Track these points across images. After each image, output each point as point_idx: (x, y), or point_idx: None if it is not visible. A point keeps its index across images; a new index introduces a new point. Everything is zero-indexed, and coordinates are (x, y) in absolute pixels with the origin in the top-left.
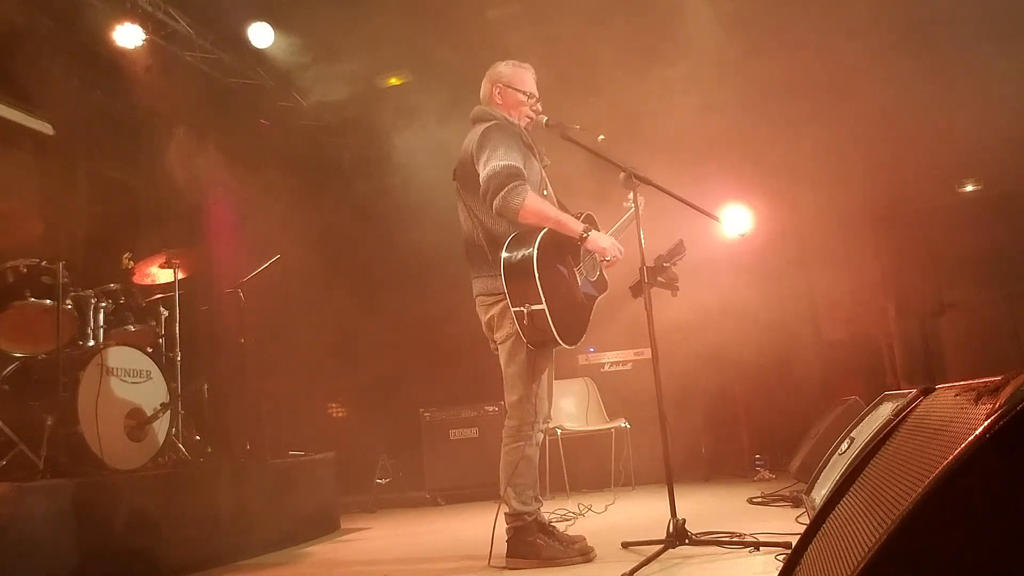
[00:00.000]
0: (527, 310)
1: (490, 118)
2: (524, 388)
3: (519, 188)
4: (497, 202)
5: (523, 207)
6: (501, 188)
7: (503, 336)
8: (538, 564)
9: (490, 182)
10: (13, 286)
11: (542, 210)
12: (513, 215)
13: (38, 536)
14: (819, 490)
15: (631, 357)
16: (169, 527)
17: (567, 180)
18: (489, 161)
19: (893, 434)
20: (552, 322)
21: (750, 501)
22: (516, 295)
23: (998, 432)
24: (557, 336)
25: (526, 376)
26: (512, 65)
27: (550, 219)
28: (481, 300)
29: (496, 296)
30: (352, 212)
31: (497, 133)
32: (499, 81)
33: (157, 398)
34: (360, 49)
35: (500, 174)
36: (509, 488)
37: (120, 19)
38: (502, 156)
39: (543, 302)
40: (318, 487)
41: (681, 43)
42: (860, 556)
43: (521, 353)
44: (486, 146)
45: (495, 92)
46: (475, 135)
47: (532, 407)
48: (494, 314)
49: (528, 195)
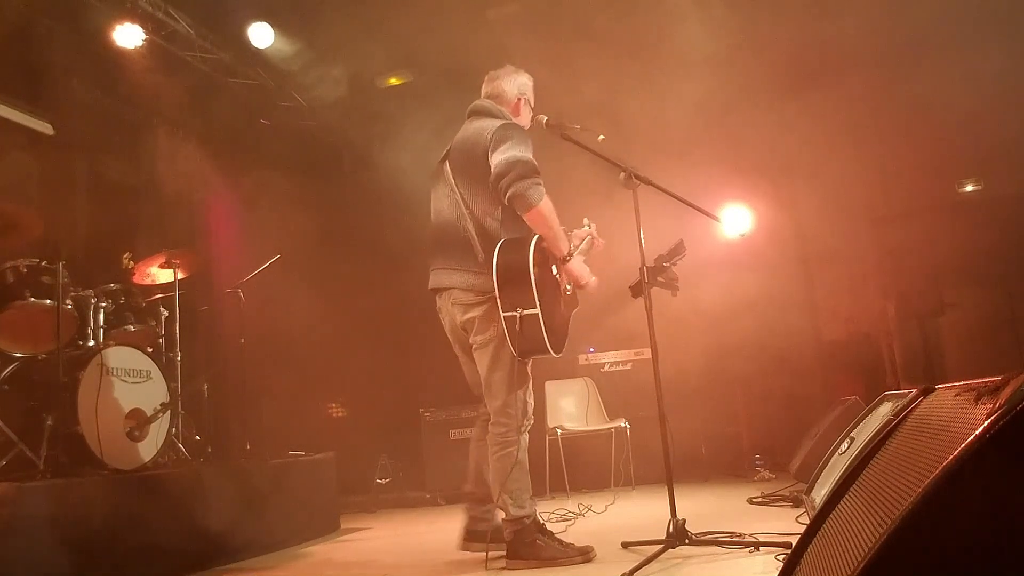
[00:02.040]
0: (520, 315)
1: (505, 117)
2: (509, 394)
3: (540, 187)
4: (515, 188)
5: (538, 206)
6: (523, 178)
7: (485, 340)
8: (538, 564)
9: (513, 166)
10: (13, 286)
11: (551, 217)
12: (525, 208)
13: (38, 536)
14: (819, 490)
15: (631, 357)
16: (169, 527)
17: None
18: (512, 149)
19: (893, 434)
20: (544, 327)
21: (750, 501)
22: (509, 299)
23: (998, 432)
24: (547, 342)
25: (512, 382)
26: (530, 79)
27: (552, 229)
28: (460, 296)
29: (481, 296)
30: (352, 212)
31: (522, 132)
32: (525, 94)
33: (157, 398)
34: (360, 49)
35: (527, 164)
36: (505, 495)
37: (120, 19)
38: (524, 151)
39: (537, 307)
40: (318, 487)
41: (681, 43)
42: (860, 556)
43: (505, 358)
44: (511, 138)
45: (521, 102)
46: (491, 125)
47: (518, 411)
48: (476, 316)
49: (546, 197)
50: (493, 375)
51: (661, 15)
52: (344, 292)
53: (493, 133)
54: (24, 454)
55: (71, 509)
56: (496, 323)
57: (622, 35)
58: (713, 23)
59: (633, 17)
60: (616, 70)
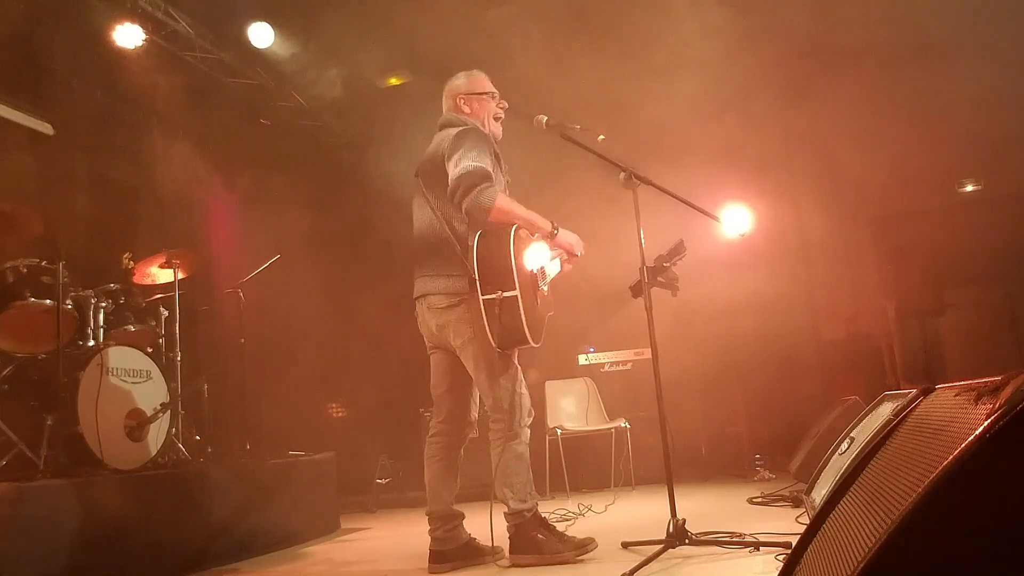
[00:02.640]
0: (499, 297)
1: (462, 123)
2: (502, 389)
3: (489, 189)
4: (467, 202)
5: (494, 206)
6: (472, 188)
7: (463, 342)
8: (539, 560)
9: (460, 181)
10: (13, 286)
11: (512, 208)
12: (484, 214)
13: (38, 536)
14: (819, 490)
15: (631, 357)
16: (169, 527)
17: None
18: (461, 161)
19: (893, 434)
20: (523, 311)
21: (750, 501)
22: (489, 281)
23: (998, 432)
24: (526, 327)
25: (503, 377)
26: (465, 75)
27: (520, 217)
28: (434, 301)
29: (454, 299)
30: (352, 212)
31: (473, 135)
32: (459, 92)
33: (157, 398)
34: (360, 49)
35: (472, 174)
36: (506, 488)
37: (120, 19)
38: (474, 158)
39: (516, 288)
40: (318, 487)
41: (682, 43)
42: (860, 556)
43: (490, 354)
44: (460, 147)
45: (460, 103)
46: (447, 136)
47: (515, 405)
48: (450, 319)
49: (499, 195)
50: (479, 374)
51: (661, 15)
52: (344, 292)
53: (448, 143)
54: (24, 454)
55: (71, 509)
56: (471, 323)
57: (622, 35)
58: (713, 23)
59: (633, 17)
60: (616, 70)
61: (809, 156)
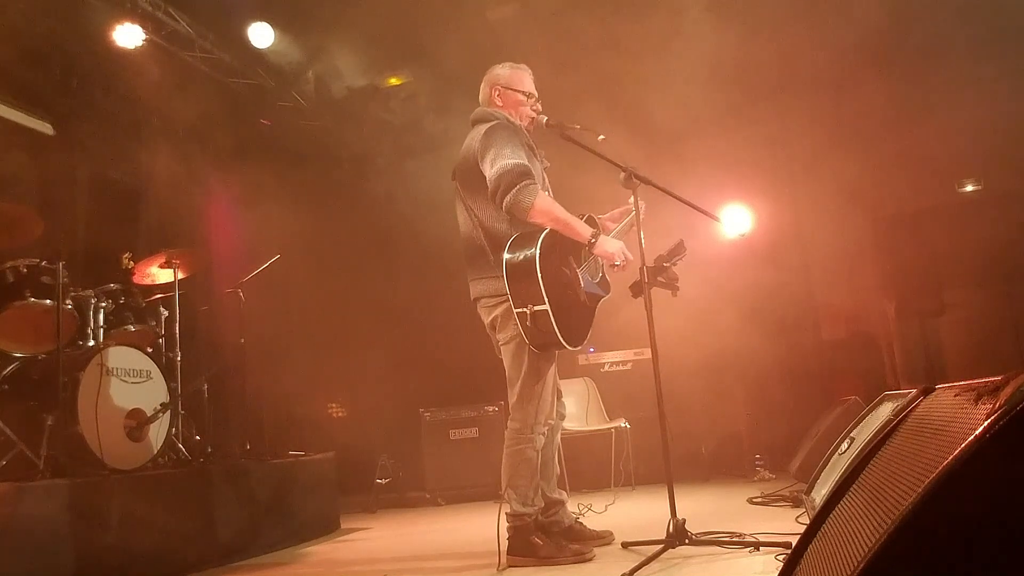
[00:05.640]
0: (530, 311)
1: (492, 118)
2: (526, 390)
3: (531, 187)
4: (508, 200)
5: (534, 206)
6: (512, 186)
7: (506, 338)
8: (535, 563)
9: (500, 180)
10: (13, 286)
11: (552, 210)
12: (523, 214)
13: (38, 536)
14: (819, 490)
15: (631, 357)
16: (169, 527)
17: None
18: (497, 159)
19: (893, 434)
20: (555, 323)
21: (750, 501)
22: (519, 296)
23: (998, 432)
24: (560, 337)
25: (529, 379)
26: (510, 67)
27: (560, 221)
28: (484, 303)
29: (499, 297)
30: (352, 212)
31: (502, 132)
32: (497, 83)
33: (157, 398)
34: (360, 49)
35: (511, 172)
36: (510, 489)
37: (120, 19)
38: (509, 155)
39: (546, 303)
40: (318, 487)
41: (682, 43)
42: (860, 556)
43: (524, 356)
44: (492, 145)
45: (494, 94)
46: (477, 134)
47: (534, 409)
48: (497, 315)
49: (539, 194)
50: (513, 372)
51: (662, 15)
52: (344, 292)
53: (479, 143)
54: (24, 454)
55: (71, 509)
56: (515, 322)
57: (622, 35)
58: (714, 23)
59: (633, 17)
60: (616, 70)
61: (809, 156)
